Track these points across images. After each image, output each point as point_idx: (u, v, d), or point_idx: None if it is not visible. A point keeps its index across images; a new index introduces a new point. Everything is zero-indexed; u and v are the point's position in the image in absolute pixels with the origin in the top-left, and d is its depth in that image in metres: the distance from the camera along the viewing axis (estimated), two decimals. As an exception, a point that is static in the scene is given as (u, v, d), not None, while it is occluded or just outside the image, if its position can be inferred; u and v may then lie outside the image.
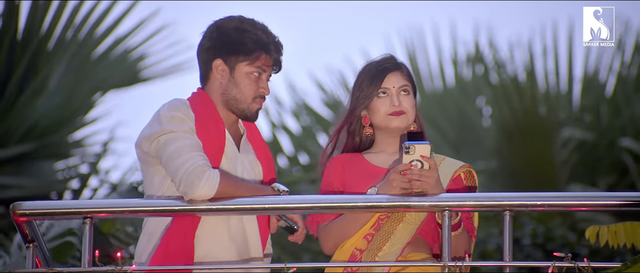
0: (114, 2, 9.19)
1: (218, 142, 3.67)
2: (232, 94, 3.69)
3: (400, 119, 3.71)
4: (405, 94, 3.72)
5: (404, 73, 3.74)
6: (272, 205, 3.60)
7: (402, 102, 3.71)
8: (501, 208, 3.56)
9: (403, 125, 3.71)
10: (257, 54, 3.67)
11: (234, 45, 3.66)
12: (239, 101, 3.69)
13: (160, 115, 3.64)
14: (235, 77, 3.68)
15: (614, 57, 10.30)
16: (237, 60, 3.67)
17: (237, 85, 3.68)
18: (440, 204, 3.57)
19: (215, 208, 3.58)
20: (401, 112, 3.71)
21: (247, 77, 3.68)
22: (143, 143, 3.64)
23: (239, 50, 3.66)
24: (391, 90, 3.72)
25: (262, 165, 3.75)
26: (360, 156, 3.76)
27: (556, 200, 3.56)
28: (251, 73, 3.68)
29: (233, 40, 3.66)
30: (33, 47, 8.87)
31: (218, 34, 3.68)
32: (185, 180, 3.56)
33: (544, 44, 10.45)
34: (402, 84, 3.72)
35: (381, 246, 3.65)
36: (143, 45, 9.34)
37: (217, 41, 3.68)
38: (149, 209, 3.61)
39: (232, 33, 3.67)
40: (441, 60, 10.79)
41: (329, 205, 3.61)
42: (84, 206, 3.61)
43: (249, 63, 3.67)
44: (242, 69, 3.68)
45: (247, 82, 3.68)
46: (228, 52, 3.67)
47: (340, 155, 3.77)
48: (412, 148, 3.53)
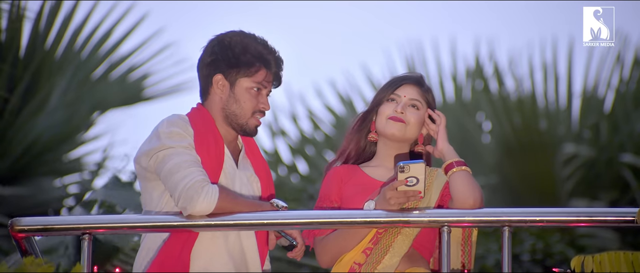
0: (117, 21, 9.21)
1: (217, 158, 3.67)
2: (231, 109, 3.69)
3: (398, 126, 3.70)
4: (413, 108, 3.72)
5: (422, 89, 3.73)
6: (271, 220, 3.60)
7: (407, 113, 3.70)
8: (500, 223, 3.55)
9: (399, 134, 3.70)
10: (258, 70, 3.68)
11: (235, 60, 3.67)
12: (238, 116, 3.69)
13: (159, 131, 3.64)
14: (235, 92, 3.69)
15: (612, 73, 10.31)
16: (237, 75, 3.68)
17: (237, 100, 3.68)
18: (439, 220, 3.57)
19: (214, 224, 3.58)
20: (400, 119, 3.70)
21: (247, 92, 3.69)
22: (142, 159, 3.64)
23: (240, 65, 3.67)
24: (401, 98, 3.72)
25: (261, 180, 3.75)
26: (358, 168, 3.76)
27: (555, 216, 3.56)
28: (251, 88, 3.68)
29: (234, 55, 3.67)
30: (35, 65, 8.88)
31: (219, 49, 3.68)
32: (184, 195, 3.56)
33: (543, 60, 10.47)
34: (414, 97, 3.72)
35: (380, 259, 3.65)
36: (146, 64, 9.35)
37: (219, 56, 3.68)
38: (148, 225, 3.61)
39: (233, 48, 3.68)
40: (441, 76, 10.80)
41: (327, 220, 3.60)
42: (82, 222, 3.61)
43: (249, 78, 3.68)
44: (242, 84, 3.68)
45: (247, 97, 3.69)
46: (229, 67, 3.68)
47: (339, 167, 3.77)
48: (407, 167, 3.53)
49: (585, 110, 10.29)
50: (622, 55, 10.27)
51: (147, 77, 9.36)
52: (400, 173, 3.54)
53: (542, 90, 10.40)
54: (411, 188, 3.54)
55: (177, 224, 3.59)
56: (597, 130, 10.14)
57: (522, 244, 8.35)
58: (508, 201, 9.78)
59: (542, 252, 8.32)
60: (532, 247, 8.33)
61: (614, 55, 10.33)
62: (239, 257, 3.68)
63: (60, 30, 9.03)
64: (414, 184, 3.54)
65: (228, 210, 3.59)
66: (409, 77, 3.74)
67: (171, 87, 9.42)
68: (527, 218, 3.56)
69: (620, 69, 10.27)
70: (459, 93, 10.69)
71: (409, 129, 3.71)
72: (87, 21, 9.13)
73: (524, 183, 9.90)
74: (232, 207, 3.59)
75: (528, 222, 3.56)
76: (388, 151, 3.75)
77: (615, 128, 10.07)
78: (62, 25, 9.04)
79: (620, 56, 10.26)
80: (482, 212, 3.57)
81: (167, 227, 3.60)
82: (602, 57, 10.39)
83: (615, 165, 9.78)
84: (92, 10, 9.15)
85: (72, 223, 3.61)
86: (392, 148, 3.74)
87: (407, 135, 3.72)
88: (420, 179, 3.53)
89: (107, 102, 9.15)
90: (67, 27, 9.06)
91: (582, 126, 10.24)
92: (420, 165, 3.54)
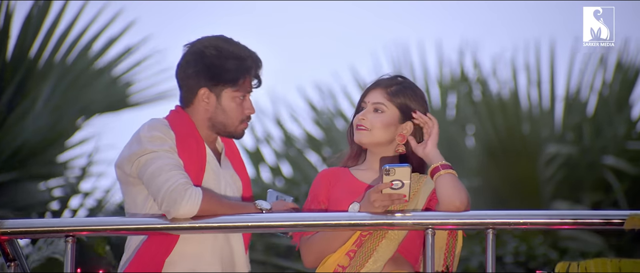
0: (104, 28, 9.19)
1: (199, 159, 3.67)
2: (219, 119, 3.71)
3: (361, 134, 3.72)
4: (376, 112, 3.73)
5: (386, 91, 3.74)
6: (254, 223, 3.60)
7: (369, 118, 3.72)
8: (484, 226, 3.56)
9: (365, 141, 3.72)
10: (243, 80, 3.69)
11: (218, 74, 3.68)
12: (227, 125, 3.71)
13: (140, 135, 3.64)
14: (222, 104, 3.70)
15: (595, 76, 10.34)
16: (223, 88, 3.69)
17: (225, 111, 3.70)
18: (424, 222, 3.57)
19: (198, 227, 3.58)
20: (361, 126, 3.72)
21: (233, 101, 3.70)
22: (124, 164, 3.63)
23: (225, 79, 3.68)
24: (366, 104, 3.74)
25: (242, 180, 3.76)
26: (347, 171, 3.77)
27: (539, 218, 3.57)
28: (237, 97, 3.70)
29: (217, 69, 3.68)
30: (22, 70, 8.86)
31: (202, 64, 3.69)
32: (167, 198, 3.56)
33: (526, 63, 10.50)
34: (376, 101, 3.73)
35: (364, 262, 3.65)
36: (131, 71, 9.34)
37: (201, 70, 3.69)
38: (132, 227, 3.60)
39: (215, 61, 3.68)
40: (426, 79, 10.82)
41: (312, 223, 3.61)
42: (66, 224, 3.60)
43: (234, 89, 3.69)
44: (228, 95, 3.70)
45: (233, 106, 3.70)
46: (214, 81, 3.69)
47: (328, 169, 3.78)
48: (392, 171, 3.54)
49: (568, 113, 10.32)
50: (605, 58, 10.31)
51: (132, 84, 9.35)
52: (385, 176, 3.55)
53: (525, 93, 10.43)
54: (396, 192, 3.55)
55: (160, 227, 3.58)
56: (579, 133, 10.18)
57: (505, 246, 8.37)
58: (491, 203, 9.80)
59: (525, 254, 8.35)
60: (515, 250, 8.35)
61: (596, 58, 10.37)
62: (227, 259, 3.68)
63: (47, 36, 9.01)
64: (399, 187, 3.55)
65: (212, 212, 3.58)
66: (376, 82, 3.77)
67: (157, 94, 9.41)
68: (511, 221, 3.56)
69: (603, 71, 10.30)
70: (444, 96, 10.71)
71: (375, 133, 3.72)
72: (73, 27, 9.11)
73: (507, 186, 9.92)
74: (216, 209, 3.59)
75: (512, 225, 3.57)
76: (373, 155, 3.77)
77: (598, 131, 10.11)
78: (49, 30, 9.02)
79: (603, 59, 10.30)
80: (466, 215, 3.58)
81: (151, 229, 3.59)
82: (585, 60, 10.43)
83: (598, 167, 9.81)
84: (78, 16, 9.13)
85: (55, 225, 3.60)
86: (375, 153, 3.76)
87: (375, 140, 3.73)
88: (406, 183, 3.54)
89: (92, 108, 9.14)
90: (53, 33, 9.04)
91: (565, 129, 10.28)
92: (405, 168, 3.55)
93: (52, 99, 8.94)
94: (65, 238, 3.57)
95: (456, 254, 3.70)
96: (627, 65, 10.29)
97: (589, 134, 10.08)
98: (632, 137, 9.92)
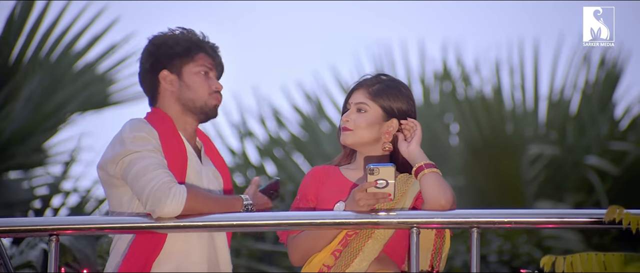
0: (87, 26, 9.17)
1: (181, 157, 3.67)
2: (186, 96, 3.72)
3: (345, 135, 3.74)
4: (359, 112, 3.74)
5: (368, 91, 3.75)
6: (240, 222, 3.59)
7: (352, 119, 3.73)
8: (469, 225, 3.57)
9: (350, 141, 3.74)
10: (197, 54, 3.72)
11: (172, 52, 3.71)
12: (195, 100, 3.72)
13: (123, 136, 3.64)
14: (184, 80, 3.72)
15: (578, 75, 10.37)
16: (181, 63, 3.72)
17: (190, 86, 3.72)
18: (408, 221, 3.58)
19: (183, 225, 3.57)
20: (345, 128, 3.74)
21: (197, 76, 3.72)
22: (107, 166, 3.63)
23: (180, 54, 3.72)
24: (350, 105, 3.76)
25: (222, 175, 3.78)
26: (337, 170, 3.78)
27: (524, 217, 3.58)
28: (198, 72, 3.72)
29: (170, 47, 3.72)
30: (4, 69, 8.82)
31: (155, 49, 3.73)
32: (152, 197, 3.55)
33: (510, 62, 10.52)
34: (359, 101, 3.75)
35: (350, 262, 3.65)
36: (114, 69, 9.32)
37: (156, 55, 3.72)
38: (116, 226, 3.59)
39: (167, 42, 3.73)
40: (409, 78, 10.83)
41: (297, 221, 3.61)
42: (50, 223, 3.58)
43: (193, 63, 3.72)
44: (188, 70, 3.72)
45: (197, 80, 3.72)
46: (170, 59, 3.72)
47: (318, 168, 3.79)
48: (376, 170, 3.56)
49: (552, 112, 10.35)
50: (589, 57, 10.34)
51: (115, 82, 9.32)
52: (369, 175, 3.56)
53: (509, 92, 10.45)
54: (381, 191, 3.55)
55: (146, 225, 3.57)
56: (563, 132, 10.21)
57: (489, 245, 8.39)
58: (475, 202, 9.82)
59: (509, 253, 8.37)
60: (500, 248, 8.37)
61: (580, 57, 10.40)
62: (212, 257, 3.68)
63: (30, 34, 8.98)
64: (383, 186, 3.55)
65: (198, 210, 3.58)
66: (359, 82, 3.79)
67: (139, 92, 9.39)
68: (496, 220, 3.57)
69: (586, 70, 10.34)
70: (427, 95, 10.72)
71: (359, 133, 3.74)
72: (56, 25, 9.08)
73: (490, 185, 9.94)
74: (202, 207, 3.59)
75: (497, 223, 3.57)
76: (361, 155, 3.78)
77: (581, 130, 10.14)
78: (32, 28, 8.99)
79: (587, 58, 10.33)
80: (451, 214, 3.58)
81: (136, 228, 3.58)
82: (569, 59, 10.46)
83: (581, 167, 9.84)
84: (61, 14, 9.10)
85: (39, 224, 3.58)
86: (363, 152, 3.77)
87: (359, 140, 3.74)
88: (390, 182, 3.55)
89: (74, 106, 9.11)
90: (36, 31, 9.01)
91: (548, 128, 10.30)
92: (390, 168, 3.56)
93: (34, 98, 8.91)
94: (49, 238, 3.55)
95: (443, 256, 3.71)
96: (610, 63, 10.33)
97: (572, 134, 10.11)
98: (615, 136, 9.95)
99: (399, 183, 3.68)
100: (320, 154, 10.57)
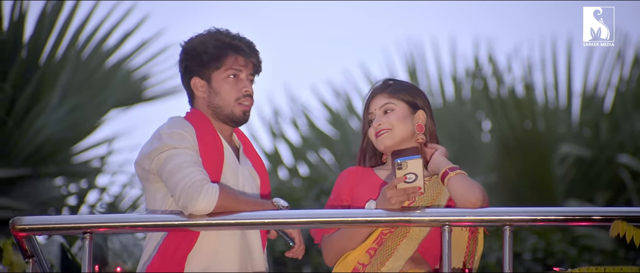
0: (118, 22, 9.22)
1: (217, 155, 3.68)
2: (215, 103, 3.72)
3: (383, 137, 3.73)
4: (388, 112, 3.75)
5: (387, 91, 3.77)
6: (272, 220, 3.60)
7: (384, 121, 3.74)
8: (501, 223, 3.55)
9: (389, 143, 3.74)
10: (225, 57, 3.71)
11: (199, 58, 3.71)
12: (222, 107, 3.72)
13: (161, 132, 3.66)
14: (213, 86, 3.72)
15: (612, 71, 10.31)
16: (209, 70, 3.72)
17: (218, 93, 3.72)
18: (440, 219, 3.57)
19: (214, 223, 3.58)
20: (382, 130, 3.74)
21: (225, 82, 3.72)
22: (144, 161, 3.64)
23: (207, 61, 3.71)
24: (374, 113, 3.77)
25: (260, 177, 3.77)
26: (371, 171, 3.79)
27: (555, 215, 3.56)
28: (227, 77, 3.72)
29: (198, 53, 3.71)
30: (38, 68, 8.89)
31: (185, 56, 3.74)
32: (184, 194, 3.57)
33: (542, 59, 10.47)
34: (383, 104, 3.76)
35: (384, 261, 3.65)
36: (146, 65, 9.36)
37: (186, 62, 3.73)
38: (149, 224, 3.60)
39: (195, 48, 3.72)
40: (441, 76, 10.80)
41: (329, 219, 3.61)
42: (83, 221, 3.60)
43: (220, 69, 3.71)
44: (217, 77, 3.72)
45: (225, 87, 3.71)
46: (199, 66, 3.72)
47: (352, 168, 3.80)
48: (404, 164, 3.55)
49: (585, 109, 10.29)
50: (623, 54, 10.27)
51: (147, 78, 9.37)
52: (398, 170, 3.56)
53: (541, 89, 10.40)
54: (410, 185, 3.55)
55: (178, 223, 3.58)
56: (596, 130, 10.15)
57: (523, 243, 8.36)
58: (507, 200, 9.78)
59: (543, 250, 8.33)
60: (534, 246, 8.34)
61: (614, 54, 10.33)
62: (246, 256, 3.69)
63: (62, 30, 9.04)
64: (413, 181, 3.55)
65: (229, 209, 3.59)
66: (372, 92, 3.80)
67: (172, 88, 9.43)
68: (528, 218, 3.56)
69: (620, 67, 10.27)
70: (459, 92, 10.70)
71: (396, 131, 3.74)
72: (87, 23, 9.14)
73: (522, 182, 9.90)
74: (233, 206, 3.60)
75: (529, 221, 3.56)
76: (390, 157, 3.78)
77: (615, 127, 10.07)
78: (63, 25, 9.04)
79: (621, 55, 10.27)
80: (483, 212, 3.57)
81: (168, 226, 3.60)
82: (602, 56, 10.39)
83: (614, 165, 9.78)
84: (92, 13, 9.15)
85: (73, 222, 3.61)
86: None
87: (398, 137, 3.74)
88: (419, 175, 3.55)
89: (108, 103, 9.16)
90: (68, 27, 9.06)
91: (581, 125, 10.25)
92: (417, 160, 3.55)
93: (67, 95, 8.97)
94: (83, 235, 3.58)
95: (477, 257, 3.70)
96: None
97: (605, 131, 10.05)
98: (649, 133, 9.88)
99: (433, 185, 3.68)
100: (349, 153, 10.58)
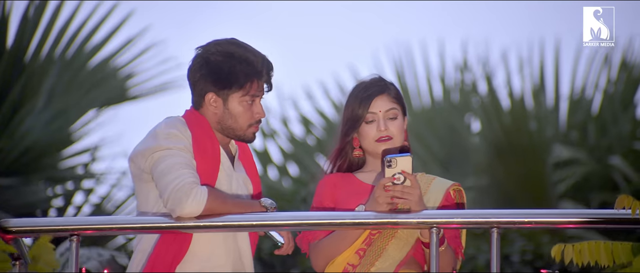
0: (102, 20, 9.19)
1: (213, 160, 3.67)
2: (227, 123, 3.69)
3: (387, 144, 3.72)
4: (392, 119, 3.72)
5: (391, 95, 3.74)
6: (260, 222, 3.59)
7: (389, 127, 3.71)
8: (489, 225, 3.56)
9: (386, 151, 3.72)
10: (250, 84, 3.67)
11: (225, 79, 3.66)
12: (235, 129, 3.70)
13: (157, 131, 3.64)
14: (229, 108, 3.69)
15: (600, 74, 10.33)
16: (229, 92, 3.67)
17: (232, 115, 3.68)
18: (428, 221, 3.57)
19: (203, 225, 3.58)
20: (388, 137, 3.72)
21: (241, 105, 3.68)
22: (138, 159, 3.63)
23: (231, 84, 3.66)
24: (378, 115, 3.73)
25: (253, 183, 3.76)
26: (351, 175, 3.77)
27: (544, 217, 3.56)
28: (244, 101, 3.68)
29: (224, 74, 3.66)
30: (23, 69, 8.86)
31: (207, 69, 3.67)
32: (172, 197, 3.56)
33: (530, 62, 10.48)
34: (389, 108, 3.72)
35: (374, 261, 3.65)
36: (132, 63, 9.33)
37: (208, 75, 3.67)
38: (137, 226, 3.60)
39: (221, 67, 3.66)
40: (429, 77, 10.81)
41: (316, 222, 3.60)
42: (71, 223, 3.60)
43: (240, 92, 3.67)
44: (235, 98, 3.68)
45: (241, 110, 3.68)
46: (220, 86, 3.66)
47: (331, 175, 3.78)
48: (394, 161, 3.54)
49: (573, 112, 10.31)
50: (610, 57, 10.29)
51: (132, 76, 9.33)
52: (387, 168, 3.55)
53: (530, 91, 10.42)
54: (399, 185, 3.55)
55: (166, 225, 3.58)
56: (584, 132, 10.16)
57: (512, 245, 8.37)
58: (498, 202, 9.79)
59: (532, 253, 8.34)
60: (522, 248, 8.35)
61: (601, 56, 10.35)
62: (236, 259, 3.69)
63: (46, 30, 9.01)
64: (402, 181, 3.55)
65: (217, 211, 3.58)
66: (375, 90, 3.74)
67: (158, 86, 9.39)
68: (516, 220, 3.56)
69: (608, 70, 10.29)
70: (448, 94, 10.70)
71: (396, 141, 3.73)
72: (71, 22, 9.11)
73: (512, 185, 9.91)
74: (221, 208, 3.59)
75: (516, 223, 3.56)
76: (378, 160, 3.76)
77: (604, 130, 10.09)
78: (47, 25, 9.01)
79: (608, 57, 10.29)
80: (471, 213, 3.58)
81: (156, 228, 3.59)
82: (590, 59, 10.41)
83: (605, 167, 9.79)
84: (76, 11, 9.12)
85: (60, 224, 3.60)
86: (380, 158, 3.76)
87: (396, 146, 3.73)
88: (408, 173, 3.54)
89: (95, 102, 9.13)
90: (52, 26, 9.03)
91: (569, 128, 10.26)
92: (407, 158, 3.54)
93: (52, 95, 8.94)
94: (70, 237, 3.57)
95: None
96: (632, 63, 10.28)
97: (594, 133, 10.07)
98: (638, 136, 9.90)
99: (420, 182, 3.67)
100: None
